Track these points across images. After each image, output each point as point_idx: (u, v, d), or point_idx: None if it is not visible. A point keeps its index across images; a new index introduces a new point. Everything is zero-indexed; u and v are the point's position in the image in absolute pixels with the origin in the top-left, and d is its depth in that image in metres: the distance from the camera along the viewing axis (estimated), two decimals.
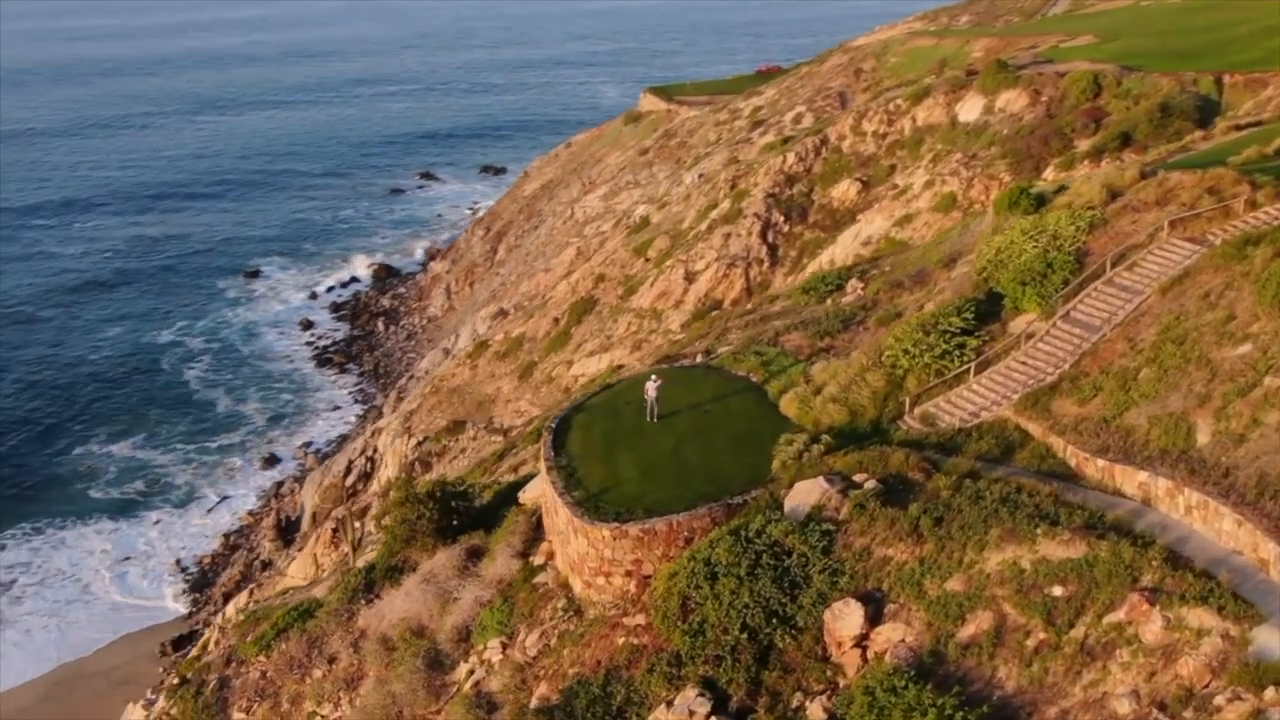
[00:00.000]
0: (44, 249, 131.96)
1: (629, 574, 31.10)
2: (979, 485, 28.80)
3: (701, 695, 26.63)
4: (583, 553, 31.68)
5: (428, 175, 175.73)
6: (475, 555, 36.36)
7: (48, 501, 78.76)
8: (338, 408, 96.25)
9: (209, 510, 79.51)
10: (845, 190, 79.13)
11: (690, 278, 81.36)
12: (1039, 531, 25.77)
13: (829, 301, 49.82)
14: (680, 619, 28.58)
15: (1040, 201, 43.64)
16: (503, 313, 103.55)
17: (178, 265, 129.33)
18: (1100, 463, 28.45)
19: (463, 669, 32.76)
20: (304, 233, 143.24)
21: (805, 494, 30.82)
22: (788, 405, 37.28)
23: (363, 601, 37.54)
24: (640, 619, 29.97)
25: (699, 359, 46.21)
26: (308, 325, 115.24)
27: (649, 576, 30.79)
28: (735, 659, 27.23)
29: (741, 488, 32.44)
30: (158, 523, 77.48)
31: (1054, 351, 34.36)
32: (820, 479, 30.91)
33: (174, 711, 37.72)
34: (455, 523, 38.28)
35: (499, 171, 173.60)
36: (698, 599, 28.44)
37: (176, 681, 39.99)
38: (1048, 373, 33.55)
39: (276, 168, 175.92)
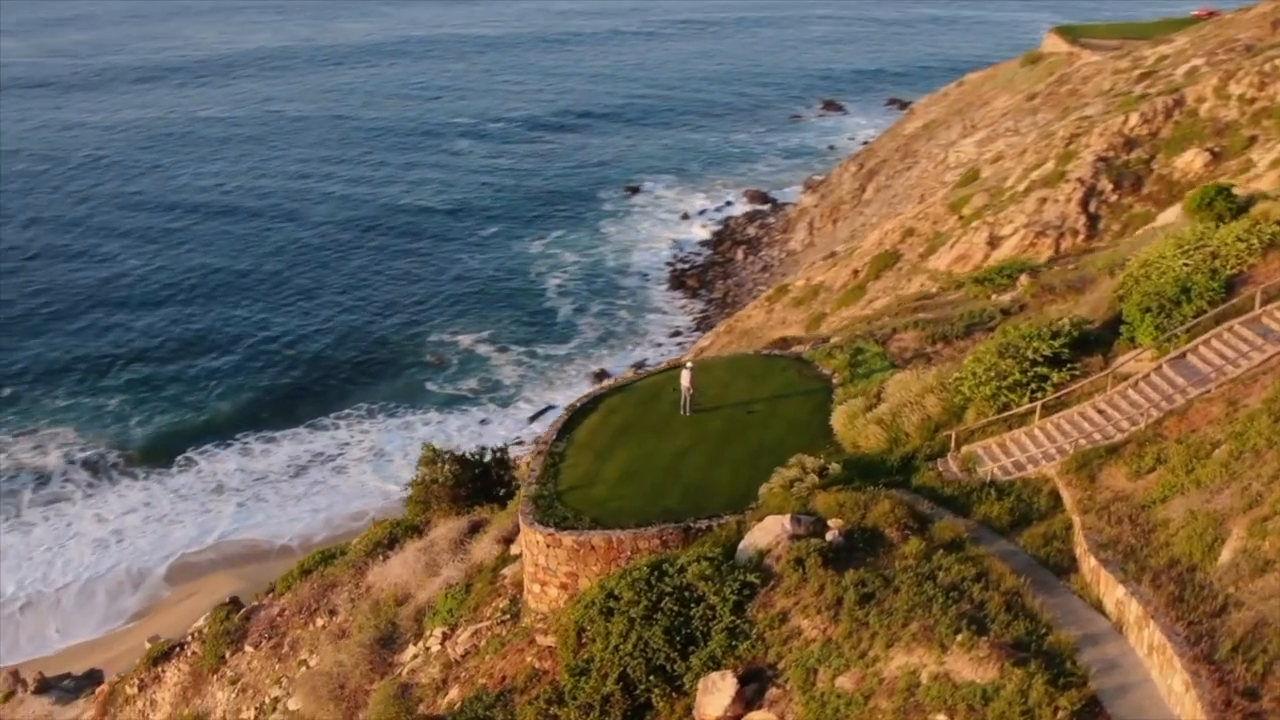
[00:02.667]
0: (456, 162, 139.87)
1: (563, 586, 27.91)
2: (943, 562, 23.17)
3: None
4: (527, 555, 28.82)
5: (831, 105, 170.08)
6: (477, 530, 34.31)
7: (392, 385, 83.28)
8: (678, 332, 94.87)
9: (532, 418, 79.02)
10: (1190, 160, 68.34)
11: (994, 242, 73.24)
12: (957, 640, 20.20)
13: (994, 298, 42.80)
14: (574, 652, 25.23)
15: (1245, 206, 34.92)
16: (832, 254, 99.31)
17: (565, 179, 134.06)
18: (1092, 562, 21.98)
19: (410, 652, 30.97)
20: (693, 155, 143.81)
21: (763, 533, 26.24)
22: (837, 418, 32.22)
23: (381, 557, 36.55)
24: (552, 640, 26.82)
25: (809, 347, 41.16)
26: (672, 244, 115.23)
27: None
28: (604, 712, 23.66)
29: (718, 510, 28.24)
30: (484, 421, 78.49)
31: (1140, 402, 27.16)
32: (785, 518, 26.17)
33: (205, 629, 38.65)
34: (484, 490, 36.34)
35: (905, 105, 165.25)
36: (591, 634, 24.93)
37: (227, 600, 41.04)
38: (1120, 429, 26.57)
39: (681, 94, 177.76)
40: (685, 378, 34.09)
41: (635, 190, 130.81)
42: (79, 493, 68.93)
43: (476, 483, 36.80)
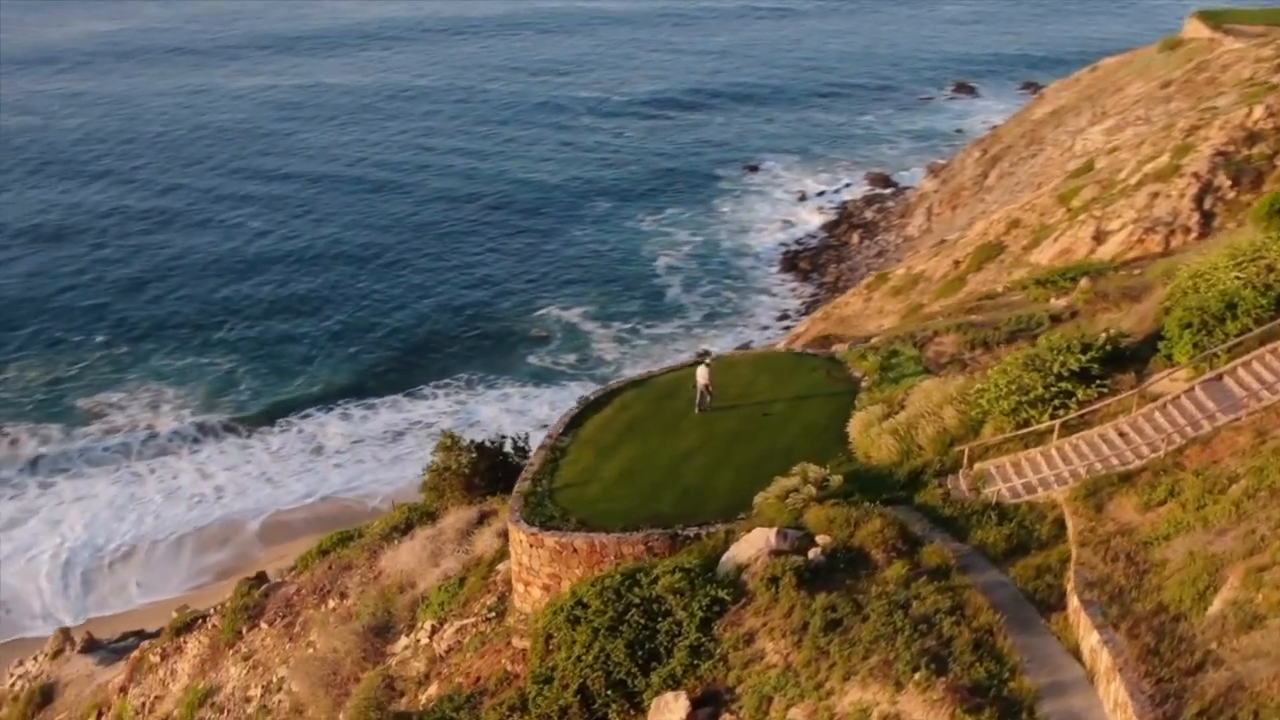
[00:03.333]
0: (578, 138, 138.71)
1: (546, 588, 27.16)
2: (921, 590, 21.76)
3: None
4: (512, 553, 28.14)
5: (963, 87, 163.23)
6: (485, 521, 33.76)
7: (494, 357, 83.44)
8: (785, 315, 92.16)
9: None
10: None
11: (1099, 238, 69.57)
12: (914, 678, 18.88)
13: (1052, 301, 40.51)
14: (541, 659, 24.47)
15: None
16: (942, 242, 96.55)
17: (685, 156, 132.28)
18: (1075, 602, 20.32)
19: (402, 642, 30.59)
20: (816, 135, 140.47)
21: (748, 546, 25.11)
22: (853, 425, 30.77)
23: (396, 542, 36.29)
24: (527, 643, 26.09)
25: (849, 346, 39.53)
26: (786, 225, 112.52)
27: None
28: None
29: (711, 517, 27.16)
30: (581, 398, 77.81)
31: (1165, 426, 25.15)
32: (772, 532, 24.98)
33: (228, 603, 38.97)
34: (502, 480, 35.74)
35: (1039, 89, 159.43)
36: (558, 641, 24.13)
37: (254, 575, 41.35)
38: (1139, 455, 24.65)
39: (810, 73, 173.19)
40: (702, 374, 32.98)
41: (754, 169, 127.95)
42: (185, 448, 70.37)
43: (495, 471, 36.21)
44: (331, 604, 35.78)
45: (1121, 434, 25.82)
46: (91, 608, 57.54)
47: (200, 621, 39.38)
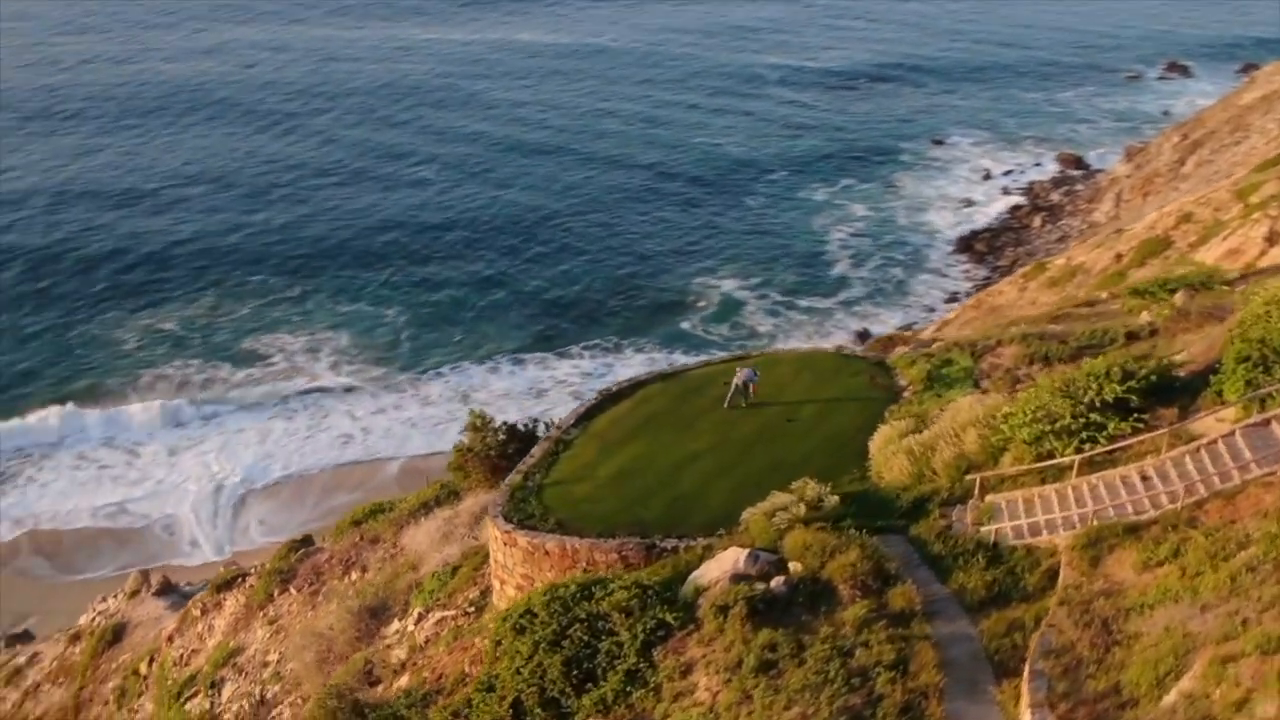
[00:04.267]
0: (764, 108, 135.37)
1: (519, 588, 26.21)
2: (870, 638, 19.93)
3: None
4: (490, 549, 27.26)
5: (1175, 67, 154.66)
6: None
7: (646, 322, 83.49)
8: (954, 298, 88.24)
9: None
10: None
11: (1272, 238, 64.63)
12: None
13: (1144, 315, 37.02)
14: (490, 665, 23.58)
15: None
16: (1118, 232, 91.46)
17: (869, 129, 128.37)
18: (1028, 670, 18.13)
19: (394, 627, 30.17)
20: (1010, 112, 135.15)
21: (716, 567, 23.62)
22: (876, 440, 28.64)
23: (421, 518, 35.95)
24: (487, 644, 25.21)
25: (910, 348, 37.07)
26: (967, 204, 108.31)
27: None
28: None
29: (696, 530, 25.70)
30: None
31: (1193, 473, 22.36)
32: (743, 553, 23.41)
33: (267, 565, 39.43)
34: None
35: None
36: (504, 649, 23.17)
37: (299, 537, 41.73)
38: (1157, 504, 22.00)
39: (1012, 48, 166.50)
40: (741, 375, 31.40)
41: (940, 144, 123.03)
42: (338, 391, 72.72)
43: (524, 454, 35.33)
44: (353, 576, 35.75)
45: (1145, 477, 23.12)
46: (229, 542, 59.66)
47: (241, 580, 40.01)
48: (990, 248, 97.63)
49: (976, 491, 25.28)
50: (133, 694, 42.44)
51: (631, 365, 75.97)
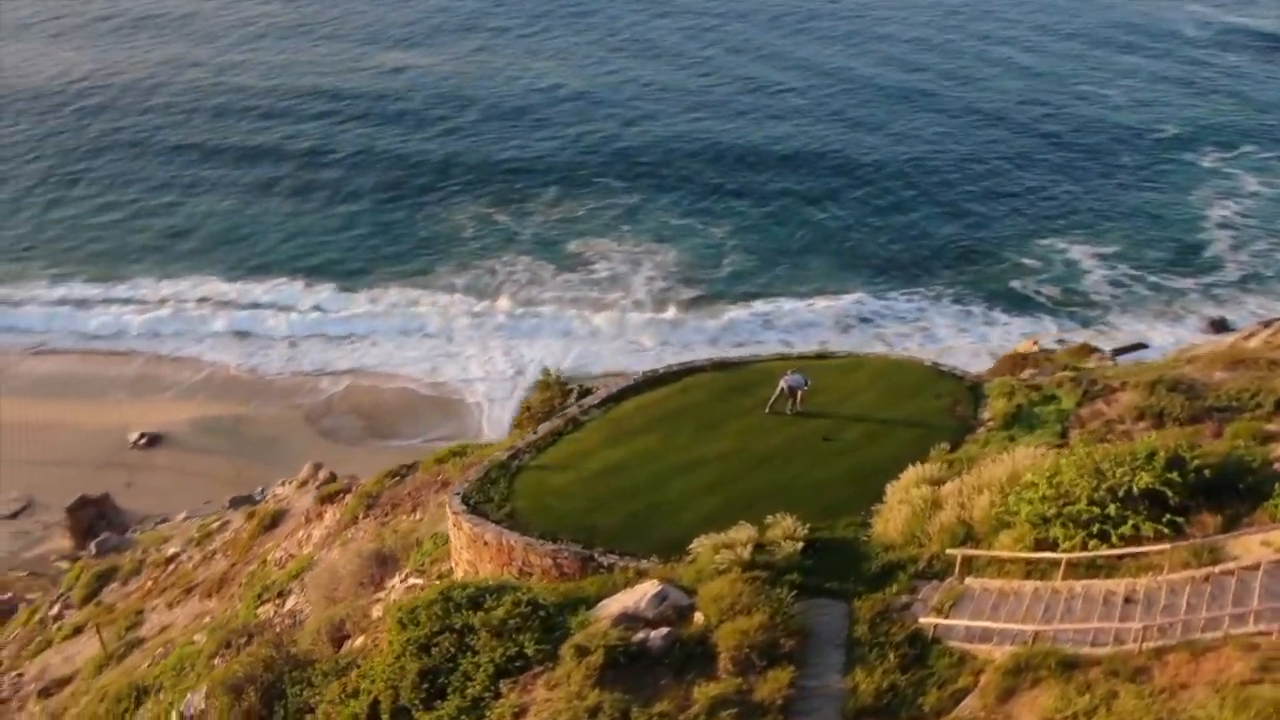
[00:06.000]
0: (1164, 70, 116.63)
1: (466, 573, 24.94)
2: None
3: None
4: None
5: None
6: None
7: (976, 275, 79.23)
8: None
9: (1118, 351, 61.86)
10: None
11: None
12: None
13: None
14: (369, 656, 22.65)
15: None
16: None
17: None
18: None
19: (392, 582, 29.74)
20: None
21: (624, 599, 21.42)
22: (899, 481, 24.84)
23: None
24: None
25: (1035, 372, 31.94)
26: None
27: None
28: None
29: (645, 550, 23.42)
30: (1061, 341, 68.86)
31: (1183, 609, 17.66)
32: (654, 589, 21.05)
33: (366, 486, 40.18)
34: None
35: None
36: (386, 643, 22.09)
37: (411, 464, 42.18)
38: (1119, 638, 17.60)
39: None
40: (787, 380, 28.26)
41: None
42: (649, 305, 73.51)
43: None
44: (417, 515, 35.75)
45: (1128, 599, 18.57)
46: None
47: (342, 495, 41.10)
48: None
49: (957, 569, 21.38)
50: (258, 581, 45.08)
51: (946, 315, 73.28)
